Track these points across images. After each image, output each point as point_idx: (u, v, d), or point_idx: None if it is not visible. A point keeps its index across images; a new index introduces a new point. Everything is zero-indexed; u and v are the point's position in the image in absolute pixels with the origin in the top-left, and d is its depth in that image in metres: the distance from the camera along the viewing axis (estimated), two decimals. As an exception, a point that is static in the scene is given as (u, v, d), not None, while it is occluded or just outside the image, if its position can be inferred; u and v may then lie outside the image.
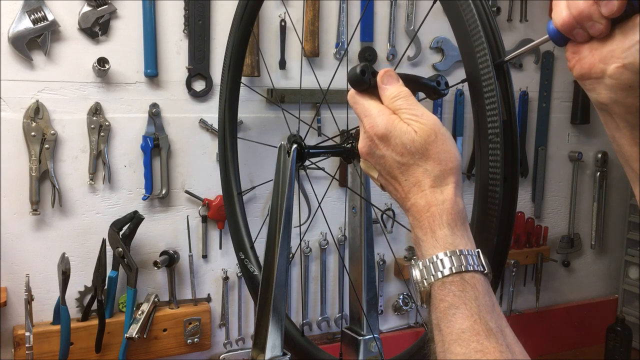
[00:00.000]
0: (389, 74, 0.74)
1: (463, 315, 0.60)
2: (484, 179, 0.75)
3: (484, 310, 0.60)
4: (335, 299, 1.90)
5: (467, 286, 0.62)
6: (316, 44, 1.72)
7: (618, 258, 2.42)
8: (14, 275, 1.50)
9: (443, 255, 0.64)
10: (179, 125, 1.63)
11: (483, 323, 0.59)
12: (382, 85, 0.74)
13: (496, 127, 0.72)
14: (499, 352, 0.57)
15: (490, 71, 0.72)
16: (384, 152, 0.71)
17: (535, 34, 2.07)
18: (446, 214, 0.66)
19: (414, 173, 0.69)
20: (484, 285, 0.63)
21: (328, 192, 1.79)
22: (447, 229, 0.66)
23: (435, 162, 0.68)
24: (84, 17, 1.48)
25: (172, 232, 1.66)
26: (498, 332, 0.59)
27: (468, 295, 0.61)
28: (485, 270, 0.64)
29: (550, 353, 2.26)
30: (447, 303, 0.61)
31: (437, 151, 0.68)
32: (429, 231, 0.66)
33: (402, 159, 0.69)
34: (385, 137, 0.70)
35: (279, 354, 1.09)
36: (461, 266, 0.62)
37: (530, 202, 2.19)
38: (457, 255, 0.63)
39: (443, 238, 0.65)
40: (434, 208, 0.67)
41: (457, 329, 0.59)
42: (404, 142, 0.69)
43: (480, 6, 0.74)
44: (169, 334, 1.62)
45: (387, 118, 0.71)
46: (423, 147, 0.68)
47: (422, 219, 0.67)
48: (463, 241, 0.65)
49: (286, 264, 1.09)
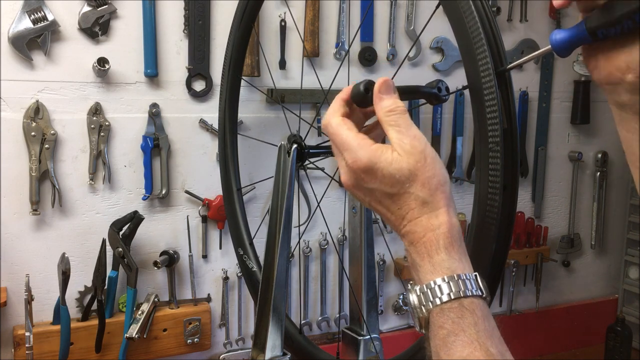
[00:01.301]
0: (387, 84, 0.72)
1: (462, 342, 0.59)
2: (483, 187, 0.75)
3: (484, 336, 0.59)
4: (335, 299, 1.90)
5: (466, 312, 0.61)
6: (316, 44, 1.72)
7: (618, 258, 2.42)
8: (14, 275, 1.50)
9: (441, 281, 0.63)
10: (179, 125, 1.63)
11: (483, 349, 0.58)
12: (379, 95, 0.71)
13: (497, 135, 0.72)
14: None
15: (491, 79, 0.72)
16: (372, 186, 0.69)
17: (535, 34, 2.07)
18: (443, 238, 0.65)
19: (406, 201, 0.68)
20: (483, 309, 0.62)
21: (328, 192, 1.79)
22: (444, 254, 0.65)
23: (425, 188, 0.66)
24: (84, 17, 1.48)
25: (172, 232, 1.66)
26: (498, 356, 0.58)
27: (467, 321, 0.60)
28: (483, 294, 0.63)
29: (550, 353, 2.26)
30: (445, 330, 0.61)
31: (426, 176, 0.67)
32: (426, 256, 0.65)
33: (392, 189, 0.68)
34: (370, 170, 0.68)
35: (279, 354, 1.09)
36: (459, 292, 0.62)
37: (530, 202, 2.19)
38: (455, 280, 0.62)
39: (440, 263, 0.64)
40: (430, 234, 0.66)
41: (457, 357, 0.59)
42: (391, 173, 0.67)
43: (482, 11, 0.74)
44: (169, 334, 1.62)
45: (369, 150, 0.69)
46: (412, 174, 0.67)
47: (419, 245, 0.66)
48: (461, 265, 0.65)
49: (286, 264, 1.09)
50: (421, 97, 0.81)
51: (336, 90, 1.58)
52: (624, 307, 2.40)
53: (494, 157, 0.73)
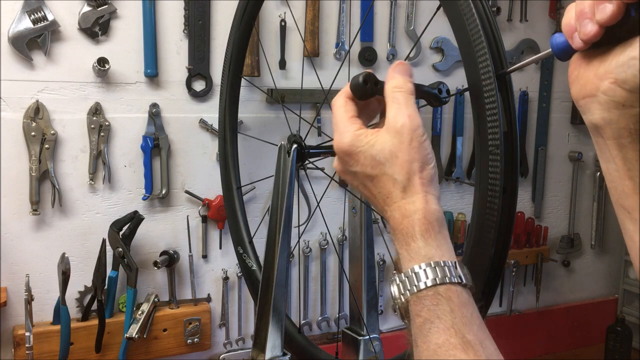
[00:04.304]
0: (404, 67, 0.71)
1: (438, 329, 0.58)
2: (483, 190, 0.75)
3: (460, 323, 0.58)
4: (335, 299, 1.90)
5: (442, 299, 0.59)
6: (316, 44, 1.72)
7: (618, 258, 2.42)
8: (14, 275, 1.50)
9: (418, 269, 0.62)
10: (179, 125, 1.63)
11: (459, 336, 0.57)
12: (393, 73, 0.71)
13: (497, 138, 0.72)
14: None
15: (492, 82, 0.72)
16: (355, 169, 0.70)
17: (535, 34, 2.07)
18: (418, 225, 0.64)
19: (384, 185, 0.67)
20: (461, 296, 0.60)
21: (328, 192, 1.79)
22: (420, 241, 0.63)
23: (403, 170, 0.66)
24: (84, 17, 1.48)
25: (172, 232, 1.66)
26: (477, 344, 0.57)
27: (442, 308, 0.59)
28: (462, 281, 0.61)
29: (550, 353, 2.26)
30: (422, 318, 0.60)
31: (406, 159, 0.66)
32: (404, 244, 0.65)
33: (373, 171, 0.68)
34: (352, 153, 0.69)
35: (279, 354, 1.09)
36: (435, 279, 0.60)
37: (530, 202, 2.20)
38: (432, 267, 0.61)
39: (417, 251, 0.63)
40: (406, 220, 0.65)
41: (433, 344, 0.58)
42: (372, 155, 0.67)
43: (482, 11, 0.74)
44: (169, 334, 1.62)
45: (352, 134, 0.69)
46: (392, 155, 0.66)
47: (397, 233, 0.66)
48: (439, 252, 0.63)
49: (286, 264, 1.09)
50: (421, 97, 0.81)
51: (336, 90, 1.58)
52: (624, 307, 2.40)
53: (494, 160, 0.73)
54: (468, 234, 0.81)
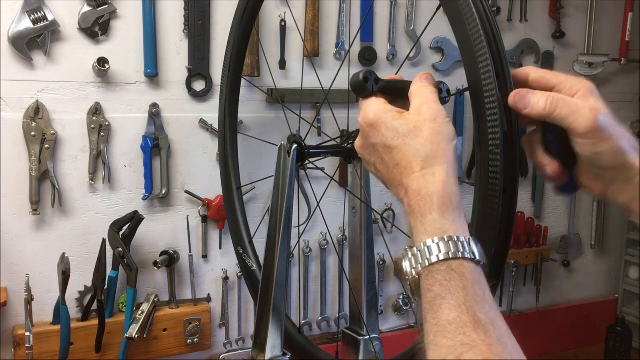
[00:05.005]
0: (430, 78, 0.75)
1: (450, 305, 0.57)
2: (483, 189, 0.75)
3: (473, 301, 0.57)
4: (335, 299, 1.90)
5: (455, 275, 0.59)
6: (316, 44, 1.72)
7: (618, 258, 2.42)
8: (14, 275, 1.50)
9: (431, 242, 0.61)
10: (179, 125, 1.63)
11: (471, 314, 0.56)
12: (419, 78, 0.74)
13: (497, 138, 0.72)
14: (487, 345, 0.54)
15: (492, 82, 0.72)
16: (374, 140, 0.71)
17: (535, 34, 2.07)
18: (437, 196, 0.64)
19: (404, 155, 0.68)
20: (474, 273, 0.60)
21: (328, 192, 1.79)
22: (437, 213, 0.63)
23: (426, 142, 0.67)
24: (84, 17, 1.48)
25: (172, 232, 1.66)
26: (488, 323, 0.56)
27: (455, 284, 0.58)
28: (476, 257, 0.61)
29: (550, 353, 2.26)
30: (433, 293, 0.59)
31: (431, 132, 0.67)
32: (420, 216, 0.64)
33: (393, 142, 0.69)
34: (374, 124, 0.71)
35: (279, 354, 1.09)
36: (449, 253, 0.60)
37: (530, 202, 2.19)
38: (446, 241, 0.61)
39: (432, 223, 0.63)
40: (424, 190, 0.65)
41: (444, 320, 0.56)
42: (395, 127, 0.69)
43: (482, 11, 0.74)
44: (169, 334, 1.62)
45: (378, 106, 0.71)
46: (416, 128, 0.68)
47: (413, 204, 0.65)
48: (454, 226, 0.63)
49: (286, 264, 1.09)
50: None
51: (336, 90, 1.59)
52: (624, 307, 2.40)
53: (494, 159, 0.73)
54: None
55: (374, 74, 0.74)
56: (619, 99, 2.27)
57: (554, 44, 2.12)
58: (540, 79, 0.74)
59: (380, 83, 0.75)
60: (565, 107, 0.68)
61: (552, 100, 0.68)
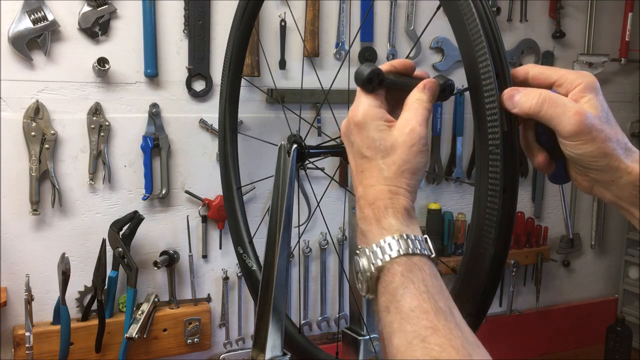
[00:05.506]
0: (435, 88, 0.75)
1: (411, 294, 0.60)
2: (483, 190, 0.75)
3: (433, 291, 0.60)
4: (335, 299, 1.90)
5: (415, 268, 0.62)
6: (316, 44, 1.72)
7: (618, 258, 2.42)
8: (14, 275, 1.50)
9: (390, 239, 0.64)
10: (179, 125, 1.63)
11: (432, 302, 0.59)
12: (422, 87, 0.74)
13: (497, 138, 0.72)
14: (448, 330, 0.57)
15: (492, 81, 0.72)
16: (354, 139, 0.73)
17: (535, 34, 2.07)
18: (392, 208, 0.67)
19: (371, 168, 0.70)
20: (432, 268, 0.64)
21: (328, 192, 1.79)
22: (392, 218, 0.66)
23: (393, 165, 0.69)
24: (84, 17, 1.48)
25: (172, 232, 1.66)
26: (447, 311, 0.59)
27: (415, 276, 0.61)
28: (432, 254, 0.65)
29: (550, 353, 2.26)
30: (395, 284, 0.62)
31: (402, 159, 0.69)
32: (374, 221, 0.67)
33: (367, 152, 0.71)
34: (359, 125, 0.72)
35: (279, 354, 1.09)
36: (408, 249, 0.63)
37: (530, 202, 2.19)
38: (404, 239, 0.64)
39: (388, 227, 0.66)
40: (380, 202, 0.67)
41: (407, 308, 0.59)
42: (374, 138, 0.70)
43: (482, 11, 0.74)
44: (169, 334, 1.62)
45: (369, 109, 0.72)
46: (393, 147, 0.69)
47: (367, 210, 0.68)
48: (409, 229, 0.66)
49: (286, 264, 1.09)
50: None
51: (336, 90, 1.59)
52: (624, 307, 2.40)
53: (494, 159, 0.73)
54: (468, 233, 0.81)
55: (380, 74, 0.74)
56: (619, 99, 2.27)
57: (554, 44, 2.12)
58: (540, 75, 0.74)
59: (385, 81, 0.75)
60: (551, 109, 0.69)
61: (539, 100, 0.69)
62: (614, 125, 0.69)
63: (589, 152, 0.68)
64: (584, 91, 0.70)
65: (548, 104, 0.69)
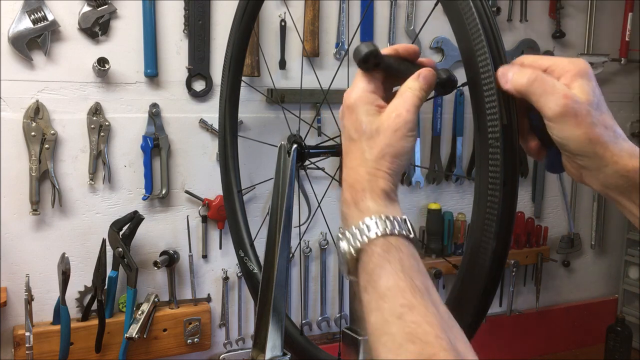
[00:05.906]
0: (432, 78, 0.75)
1: (388, 273, 0.61)
2: (483, 183, 0.75)
3: (409, 270, 0.61)
4: (335, 299, 1.90)
5: (392, 248, 0.63)
6: (316, 44, 1.72)
7: (618, 258, 2.42)
8: (14, 275, 1.50)
9: (369, 220, 0.64)
10: (179, 125, 1.63)
11: (408, 280, 0.60)
12: (419, 76, 0.75)
13: (496, 131, 0.72)
14: (424, 307, 0.57)
15: (490, 74, 0.72)
16: (345, 122, 0.74)
17: (535, 34, 2.07)
18: (369, 191, 0.67)
19: (355, 150, 0.71)
20: (409, 248, 0.64)
21: (328, 192, 1.79)
22: (370, 201, 0.67)
23: (376, 148, 0.69)
24: (84, 17, 1.48)
25: (172, 232, 1.66)
26: (424, 290, 0.60)
27: (393, 256, 0.62)
28: (411, 234, 0.65)
29: (550, 353, 2.26)
30: (372, 264, 0.62)
31: (385, 142, 0.69)
32: (353, 204, 0.68)
33: (354, 134, 0.72)
34: (350, 108, 0.73)
35: (279, 354, 1.09)
36: (386, 230, 0.63)
37: (530, 202, 2.19)
38: (383, 220, 0.64)
39: (366, 208, 0.66)
40: (358, 185, 0.68)
41: (383, 287, 0.60)
42: (362, 121, 0.71)
43: (481, 8, 0.74)
44: (169, 334, 1.62)
45: (361, 93, 0.73)
46: (378, 130, 0.70)
47: (346, 193, 0.69)
48: (387, 210, 0.66)
49: (286, 264, 1.09)
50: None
51: (336, 90, 1.59)
52: (624, 307, 2.40)
53: (494, 153, 0.73)
54: (469, 229, 0.81)
55: (378, 55, 0.74)
56: (619, 99, 2.27)
57: (554, 44, 2.12)
58: (533, 63, 0.73)
59: (382, 63, 0.76)
60: (540, 87, 0.68)
61: (530, 77, 0.69)
62: (605, 112, 0.68)
63: (575, 136, 0.67)
64: (575, 76, 0.69)
65: (538, 82, 0.69)
